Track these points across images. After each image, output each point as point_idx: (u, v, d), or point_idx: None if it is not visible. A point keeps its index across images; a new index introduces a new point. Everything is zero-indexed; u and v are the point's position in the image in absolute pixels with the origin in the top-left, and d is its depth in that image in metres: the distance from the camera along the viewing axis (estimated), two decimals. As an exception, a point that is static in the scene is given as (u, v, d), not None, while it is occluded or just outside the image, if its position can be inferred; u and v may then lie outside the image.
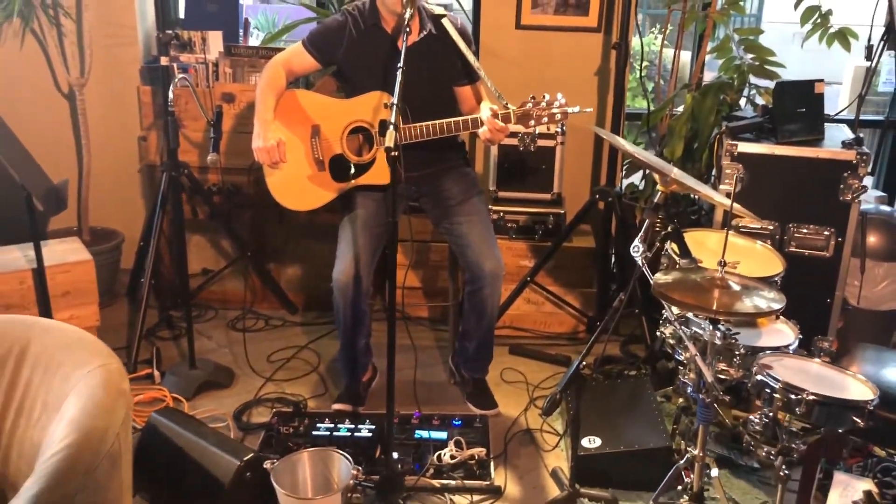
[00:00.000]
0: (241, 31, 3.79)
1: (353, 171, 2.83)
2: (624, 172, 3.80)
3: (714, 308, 1.93)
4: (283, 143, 2.74)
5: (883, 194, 3.59)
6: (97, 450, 1.45)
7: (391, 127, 2.18)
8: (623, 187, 3.84)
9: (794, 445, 2.02)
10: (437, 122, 2.67)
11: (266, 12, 7.39)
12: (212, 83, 3.55)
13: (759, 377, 2.03)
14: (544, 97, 2.63)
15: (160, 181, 3.40)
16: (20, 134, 2.92)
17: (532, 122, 2.63)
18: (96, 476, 1.43)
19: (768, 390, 2.00)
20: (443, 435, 2.74)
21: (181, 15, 3.83)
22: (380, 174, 2.81)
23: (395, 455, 2.57)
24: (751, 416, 2.06)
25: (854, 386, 2.03)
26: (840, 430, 2.00)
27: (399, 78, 2.29)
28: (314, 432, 2.75)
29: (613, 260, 3.77)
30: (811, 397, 1.91)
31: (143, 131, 3.76)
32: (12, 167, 2.70)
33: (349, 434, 2.75)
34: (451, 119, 2.69)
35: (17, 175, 2.67)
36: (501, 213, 3.52)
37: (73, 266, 3.10)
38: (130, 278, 3.81)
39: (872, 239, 3.21)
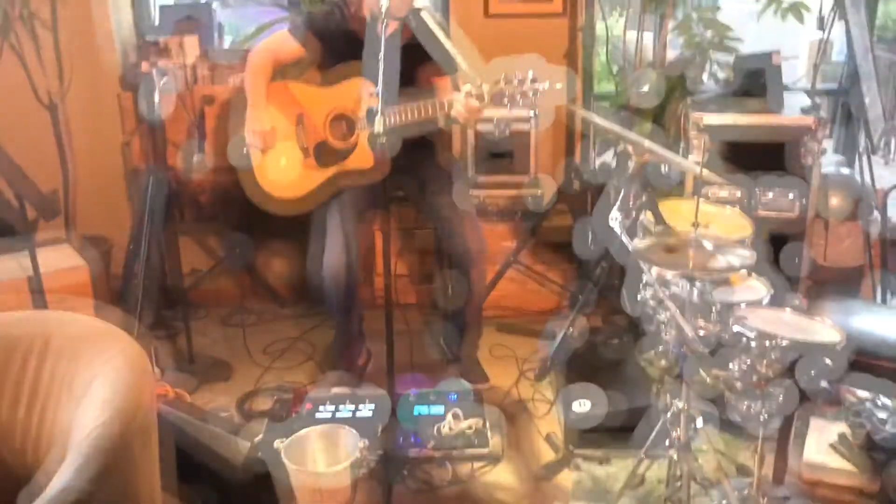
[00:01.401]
0: (215, 35, 3.86)
1: (336, 155, 2.91)
2: (596, 151, 3.93)
3: (690, 266, 2.06)
4: (274, 129, 2.83)
5: (842, 157, 3.76)
6: (130, 426, 1.54)
7: (378, 115, 2.28)
8: (597, 165, 3.97)
9: (772, 391, 2.15)
10: (415, 103, 2.74)
11: (229, 18, 7.39)
12: (191, 86, 3.62)
13: (735, 328, 2.17)
14: (516, 75, 2.71)
15: (146, 185, 3.45)
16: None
17: (506, 100, 2.68)
18: (131, 451, 1.53)
19: (745, 339, 2.13)
20: (440, 409, 2.85)
21: (156, 22, 3.89)
22: (362, 158, 2.89)
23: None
24: (730, 365, 2.19)
25: (824, 330, 2.17)
26: (812, 372, 2.15)
27: (381, 67, 2.39)
28: (317, 415, 2.84)
29: (591, 236, 3.90)
30: (784, 342, 2.05)
31: (125, 137, 3.81)
32: (3, 177, 2.76)
33: (351, 415, 2.85)
34: (429, 100, 2.76)
35: (10, 184, 2.73)
36: (481, 198, 3.64)
37: (67, 272, 3.17)
38: (121, 283, 3.86)
39: (834, 200, 3.37)
